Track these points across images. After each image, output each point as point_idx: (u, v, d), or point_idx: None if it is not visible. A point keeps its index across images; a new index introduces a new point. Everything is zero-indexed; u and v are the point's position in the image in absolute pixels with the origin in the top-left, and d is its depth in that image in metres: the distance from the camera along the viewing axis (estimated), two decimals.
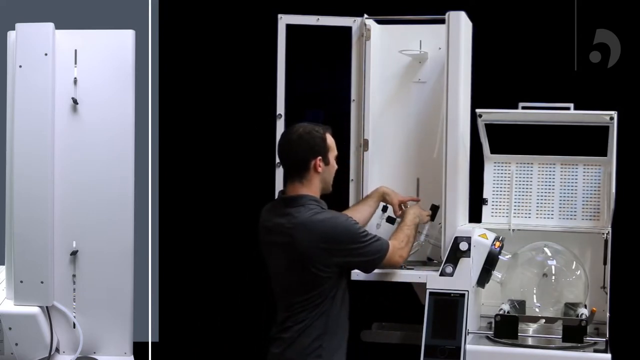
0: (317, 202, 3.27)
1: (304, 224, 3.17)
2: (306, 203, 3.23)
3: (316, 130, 3.28)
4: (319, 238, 3.15)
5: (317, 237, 3.15)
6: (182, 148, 4.78)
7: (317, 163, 3.26)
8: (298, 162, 3.26)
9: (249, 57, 4.67)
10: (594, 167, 3.85)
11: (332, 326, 3.21)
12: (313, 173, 3.27)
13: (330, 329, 3.20)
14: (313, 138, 3.26)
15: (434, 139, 3.83)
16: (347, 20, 3.91)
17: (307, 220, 3.17)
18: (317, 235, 3.15)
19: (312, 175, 3.27)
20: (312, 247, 3.15)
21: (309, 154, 3.26)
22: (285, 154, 3.31)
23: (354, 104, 3.91)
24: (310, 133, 3.27)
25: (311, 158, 3.26)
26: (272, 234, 3.26)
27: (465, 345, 3.36)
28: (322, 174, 3.29)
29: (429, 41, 3.90)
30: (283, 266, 3.23)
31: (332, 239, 3.17)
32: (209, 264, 4.80)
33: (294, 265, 3.18)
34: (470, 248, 3.52)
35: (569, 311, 3.53)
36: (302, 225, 3.17)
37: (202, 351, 4.82)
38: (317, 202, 3.26)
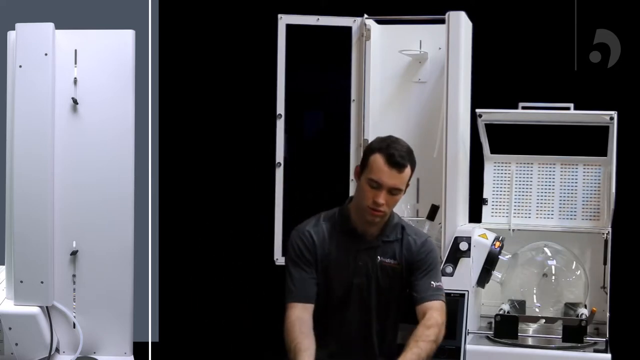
0: (335, 214, 3.14)
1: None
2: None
3: (373, 143, 3.05)
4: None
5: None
6: (182, 148, 4.78)
7: (357, 170, 3.08)
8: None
9: (249, 57, 4.67)
10: (594, 167, 3.85)
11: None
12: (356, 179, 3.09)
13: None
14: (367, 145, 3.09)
15: (434, 139, 3.83)
16: (347, 20, 3.91)
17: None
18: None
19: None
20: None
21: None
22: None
23: (354, 104, 3.91)
24: (371, 142, 3.08)
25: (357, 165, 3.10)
26: None
27: (465, 345, 3.36)
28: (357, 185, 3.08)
29: (429, 41, 3.90)
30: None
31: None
32: (209, 264, 4.80)
33: None
34: (470, 248, 3.52)
35: (569, 311, 3.53)
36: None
37: (202, 351, 4.82)
38: (334, 214, 3.14)
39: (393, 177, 2.94)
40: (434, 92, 3.90)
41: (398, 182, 2.96)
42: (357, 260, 3.08)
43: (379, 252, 3.09)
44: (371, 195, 2.96)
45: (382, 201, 2.95)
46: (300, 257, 3.06)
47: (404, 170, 2.97)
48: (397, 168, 2.94)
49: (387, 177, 2.94)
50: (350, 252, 3.08)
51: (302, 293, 3.03)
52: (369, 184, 2.96)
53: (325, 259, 3.07)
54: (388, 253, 3.10)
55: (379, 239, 3.10)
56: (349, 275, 3.08)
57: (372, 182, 2.95)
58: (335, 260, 3.07)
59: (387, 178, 2.94)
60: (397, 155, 2.94)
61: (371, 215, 2.99)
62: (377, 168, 2.94)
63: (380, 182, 2.94)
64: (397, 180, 2.95)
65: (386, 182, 2.94)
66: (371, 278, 3.08)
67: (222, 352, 4.80)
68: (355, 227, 3.08)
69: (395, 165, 2.94)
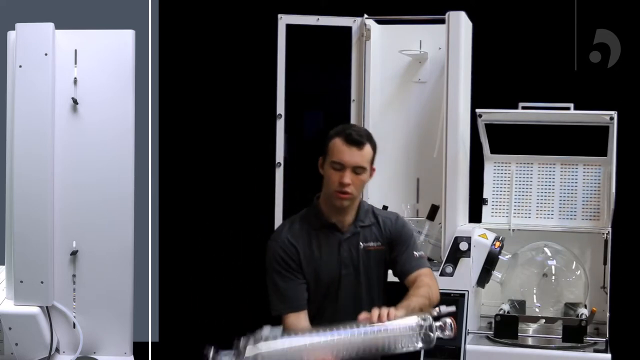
0: (305, 216, 3.16)
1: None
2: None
3: (331, 131, 3.05)
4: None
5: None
6: (182, 148, 4.78)
7: (320, 162, 3.10)
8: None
9: (249, 57, 4.67)
10: (594, 167, 3.85)
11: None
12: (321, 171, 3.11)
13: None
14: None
15: (434, 139, 3.83)
16: (347, 20, 3.91)
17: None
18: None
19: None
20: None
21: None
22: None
23: (354, 104, 3.92)
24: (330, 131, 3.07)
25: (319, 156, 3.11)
26: None
27: (465, 345, 3.37)
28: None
29: (429, 41, 3.91)
30: None
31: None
32: (209, 264, 4.80)
33: None
34: (470, 248, 3.52)
35: (569, 311, 3.53)
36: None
37: (202, 351, 4.82)
38: (303, 216, 3.16)
39: (354, 154, 2.96)
40: (434, 92, 3.90)
41: (360, 160, 2.97)
42: (341, 251, 3.08)
43: (360, 239, 3.11)
44: (336, 178, 2.97)
45: (348, 180, 2.96)
46: (285, 267, 3.05)
47: (364, 147, 2.98)
48: (356, 146, 2.96)
49: (349, 156, 2.96)
50: (332, 246, 3.09)
51: (295, 303, 3.04)
52: (332, 168, 2.98)
53: (310, 259, 3.07)
54: (369, 237, 3.12)
55: (356, 225, 3.11)
56: (336, 268, 3.09)
57: (335, 164, 2.97)
58: (320, 258, 3.08)
59: (348, 157, 2.96)
60: (354, 134, 2.97)
61: (339, 199, 3.00)
62: (337, 150, 2.97)
63: (342, 162, 2.96)
64: (358, 157, 2.97)
65: (348, 160, 2.96)
66: (357, 266, 3.10)
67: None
68: (330, 220, 3.08)
69: (354, 142, 2.96)
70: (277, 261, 3.04)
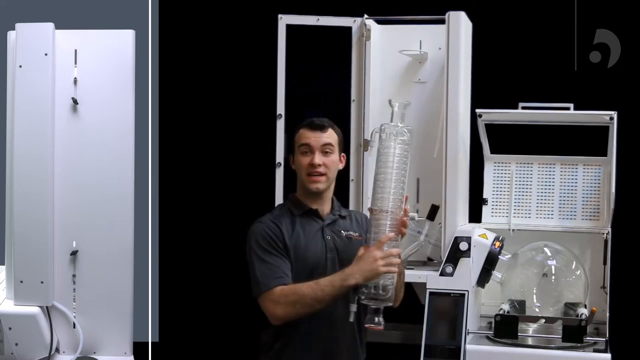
0: (282, 205, 3.28)
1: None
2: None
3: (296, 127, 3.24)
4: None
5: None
6: (182, 148, 4.78)
7: (291, 159, 3.25)
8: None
9: (249, 57, 4.67)
10: (594, 167, 3.85)
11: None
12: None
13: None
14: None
15: (434, 139, 3.83)
16: (347, 20, 3.91)
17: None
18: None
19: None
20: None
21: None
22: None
23: (354, 104, 3.92)
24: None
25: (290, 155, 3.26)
26: None
27: (465, 345, 3.36)
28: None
29: (429, 41, 3.91)
30: None
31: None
32: (209, 264, 4.80)
33: None
34: (470, 248, 3.52)
35: (568, 311, 3.53)
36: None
37: (202, 351, 4.82)
38: (281, 205, 3.28)
39: (318, 136, 3.13)
40: (434, 92, 3.90)
41: (326, 139, 3.14)
42: (325, 235, 3.18)
43: (341, 227, 3.22)
44: (307, 161, 3.13)
45: (318, 161, 3.11)
46: (272, 244, 3.12)
47: (327, 130, 3.15)
48: (319, 129, 3.14)
49: (314, 139, 3.13)
50: (315, 230, 3.18)
51: (283, 277, 3.06)
52: (301, 153, 3.15)
53: (296, 243, 3.14)
54: (349, 227, 3.25)
55: (334, 214, 3.24)
56: (321, 251, 3.16)
57: (303, 146, 3.14)
58: (306, 241, 3.15)
59: (314, 140, 3.13)
60: (316, 120, 3.16)
61: (313, 181, 3.13)
62: (302, 136, 3.15)
63: (308, 144, 3.13)
64: (324, 138, 3.14)
65: (314, 142, 3.13)
66: (341, 252, 3.17)
67: (222, 352, 4.80)
68: (310, 206, 3.19)
69: (317, 127, 3.14)
70: (264, 238, 3.12)
